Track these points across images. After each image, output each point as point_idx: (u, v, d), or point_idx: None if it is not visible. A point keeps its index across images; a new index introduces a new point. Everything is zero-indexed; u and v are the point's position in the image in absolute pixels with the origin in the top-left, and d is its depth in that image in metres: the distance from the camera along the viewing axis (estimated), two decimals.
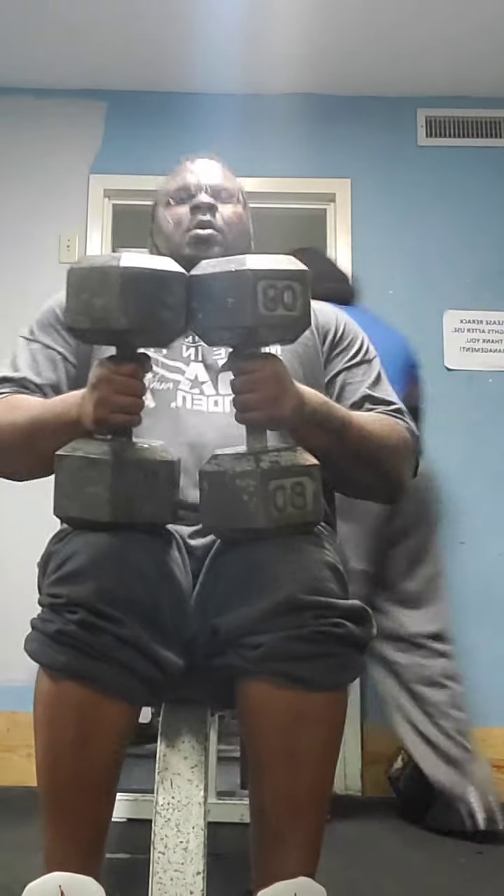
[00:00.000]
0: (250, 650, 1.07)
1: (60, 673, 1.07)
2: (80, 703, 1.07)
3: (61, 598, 1.07)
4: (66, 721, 1.07)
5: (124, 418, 1.17)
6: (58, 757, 1.08)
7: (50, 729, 1.08)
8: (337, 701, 1.11)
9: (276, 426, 1.23)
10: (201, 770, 1.27)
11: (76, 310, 1.18)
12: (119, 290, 1.11)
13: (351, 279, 3.14)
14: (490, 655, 3.10)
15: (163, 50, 3.33)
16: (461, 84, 3.50)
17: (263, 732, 1.09)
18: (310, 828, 1.09)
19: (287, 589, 1.07)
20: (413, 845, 2.19)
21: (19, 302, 3.40)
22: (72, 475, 1.15)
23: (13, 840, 2.09)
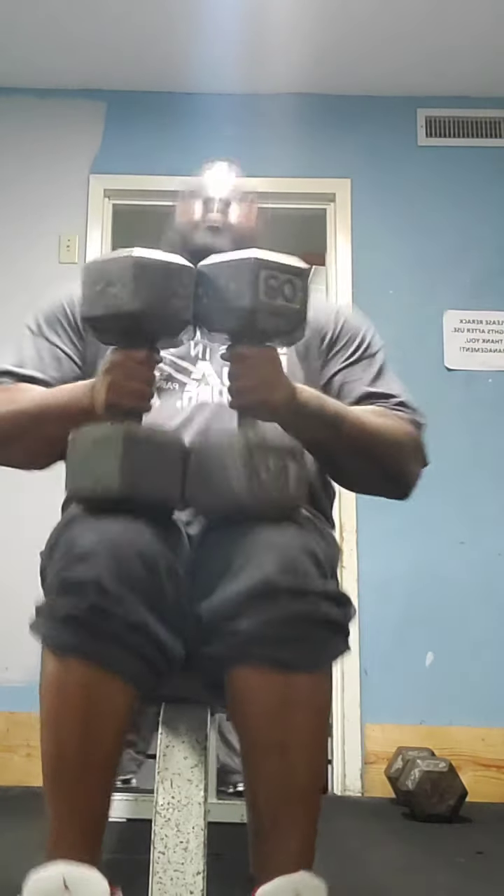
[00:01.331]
0: (232, 636, 1.08)
1: (69, 654, 1.07)
2: (87, 682, 1.07)
3: (70, 580, 1.08)
4: (72, 700, 1.08)
5: (135, 403, 1.20)
6: (63, 736, 1.09)
7: (56, 709, 1.09)
8: (320, 683, 1.11)
9: (267, 414, 1.24)
10: (201, 770, 1.27)
11: (91, 298, 1.22)
12: (132, 275, 1.17)
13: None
14: (490, 655, 3.10)
15: (163, 50, 3.33)
16: (461, 84, 3.50)
17: (250, 719, 1.09)
18: (305, 817, 1.09)
19: (263, 571, 1.07)
20: (413, 845, 2.19)
21: (19, 302, 3.40)
22: (84, 452, 1.18)
23: (13, 840, 2.09)
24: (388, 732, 3.03)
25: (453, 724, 3.04)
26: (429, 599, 3.14)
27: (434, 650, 3.11)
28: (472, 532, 3.21)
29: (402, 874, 1.90)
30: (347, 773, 3.02)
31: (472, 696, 3.08)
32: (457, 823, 2.48)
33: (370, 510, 3.09)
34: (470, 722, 3.04)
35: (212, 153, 3.69)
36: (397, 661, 3.10)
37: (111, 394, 1.20)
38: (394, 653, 3.10)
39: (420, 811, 2.50)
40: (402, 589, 3.12)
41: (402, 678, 3.09)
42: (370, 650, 3.09)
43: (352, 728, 3.05)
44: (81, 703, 1.07)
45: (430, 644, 3.11)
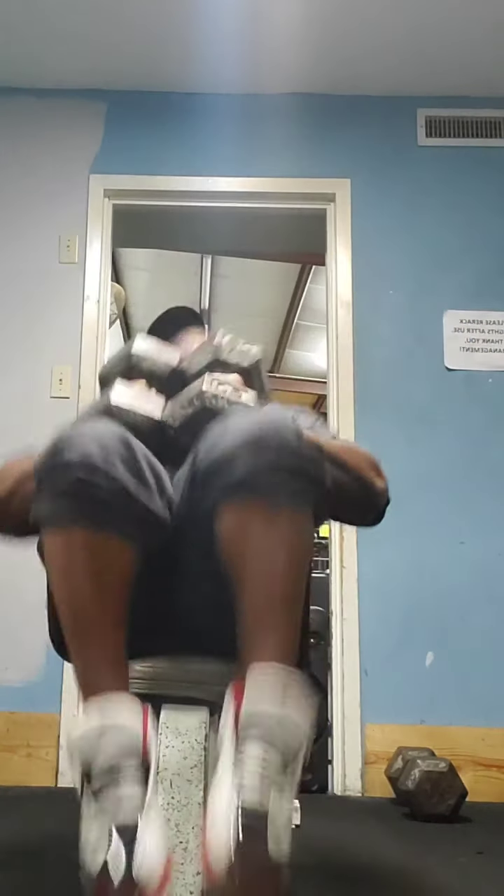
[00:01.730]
0: (224, 482, 1.22)
1: (69, 525, 1.20)
2: (89, 545, 1.20)
3: (61, 462, 1.21)
4: (79, 561, 1.19)
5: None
6: (76, 589, 1.20)
7: (65, 570, 1.21)
8: (301, 522, 1.23)
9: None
10: (201, 770, 1.27)
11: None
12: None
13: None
14: (490, 655, 3.10)
15: (163, 50, 3.34)
16: (461, 84, 3.50)
17: (239, 549, 1.21)
18: (287, 624, 1.19)
19: (254, 429, 1.23)
20: (413, 845, 2.19)
21: (19, 302, 3.41)
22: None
23: (13, 840, 2.09)
24: (388, 732, 3.03)
25: (453, 724, 3.05)
26: (429, 599, 3.14)
27: (434, 650, 3.11)
28: (472, 532, 3.21)
29: (402, 874, 1.90)
30: (347, 773, 3.02)
31: (472, 696, 3.08)
32: (457, 823, 2.48)
33: None
34: (470, 722, 3.05)
35: (212, 153, 3.74)
36: (397, 661, 3.10)
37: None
38: (394, 653, 3.10)
39: (420, 811, 2.50)
40: (402, 589, 3.12)
41: (402, 678, 3.09)
42: (370, 650, 3.09)
43: (352, 728, 3.05)
44: (88, 561, 1.19)
45: (430, 644, 3.11)
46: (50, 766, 3.00)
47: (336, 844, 2.21)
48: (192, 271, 5.64)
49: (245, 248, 4.87)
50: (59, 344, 3.35)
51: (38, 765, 3.00)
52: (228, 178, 3.51)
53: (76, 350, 3.34)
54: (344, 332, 3.37)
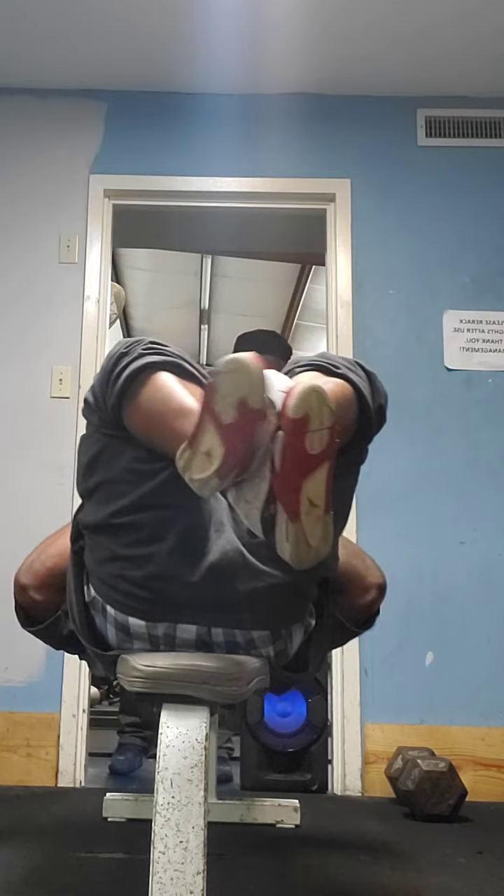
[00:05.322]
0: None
1: (157, 369, 1.41)
2: (174, 379, 1.41)
3: (128, 343, 1.44)
4: (169, 382, 1.40)
5: None
6: (171, 387, 1.40)
7: (168, 394, 1.39)
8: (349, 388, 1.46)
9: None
10: (201, 770, 1.27)
11: None
12: None
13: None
14: (490, 655, 3.10)
15: (163, 50, 3.34)
16: (461, 84, 3.50)
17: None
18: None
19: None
20: (413, 845, 2.19)
21: (19, 302, 3.41)
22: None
23: (13, 839, 2.09)
24: (388, 732, 3.03)
25: (453, 723, 3.05)
26: (429, 599, 3.14)
27: (434, 650, 3.11)
28: (472, 532, 3.21)
29: (402, 874, 1.90)
30: (347, 773, 3.02)
31: (472, 696, 3.08)
32: (457, 823, 2.48)
33: (370, 510, 3.09)
34: (470, 722, 3.05)
35: (212, 153, 3.74)
36: (397, 661, 3.11)
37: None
38: (394, 653, 3.10)
39: (420, 811, 2.50)
40: (402, 589, 3.12)
41: (402, 678, 3.09)
42: (370, 650, 3.09)
43: (352, 728, 3.05)
44: (175, 383, 1.40)
45: (430, 644, 3.11)
46: (50, 766, 3.00)
47: (336, 844, 2.21)
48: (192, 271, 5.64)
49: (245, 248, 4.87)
50: (58, 344, 3.35)
51: (38, 765, 3.00)
52: (228, 178, 3.51)
53: (76, 350, 3.33)
54: (344, 332, 3.37)
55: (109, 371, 1.42)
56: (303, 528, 1.21)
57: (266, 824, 2.36)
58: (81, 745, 3.04)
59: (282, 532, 1.22)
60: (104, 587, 1.54)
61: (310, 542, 1.23)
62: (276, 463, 1.20)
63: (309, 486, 1.22)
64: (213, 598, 1.48)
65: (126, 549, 1.49)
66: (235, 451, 1.21)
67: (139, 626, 1.51)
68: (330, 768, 3.07)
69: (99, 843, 2.08)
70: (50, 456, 3.22)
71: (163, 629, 1.50)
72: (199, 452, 1.22)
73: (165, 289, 5.96)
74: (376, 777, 2.96)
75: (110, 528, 1.50)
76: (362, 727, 3.06)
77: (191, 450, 1.23)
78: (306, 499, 1.22)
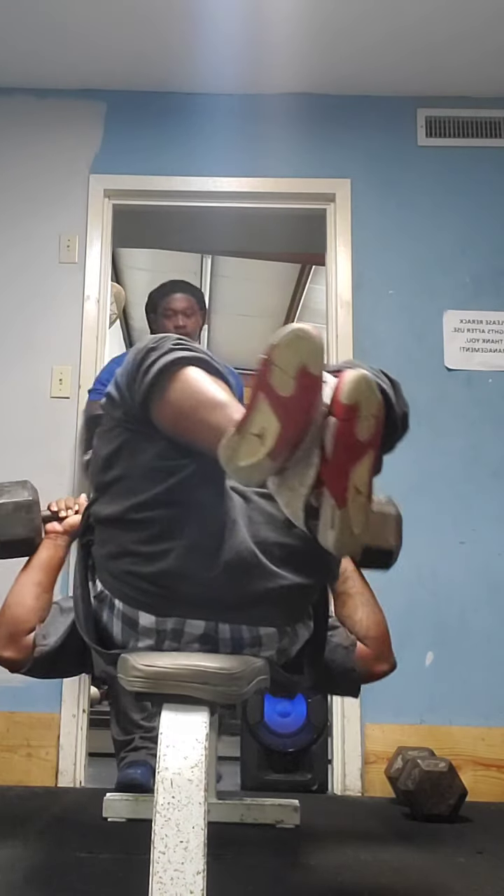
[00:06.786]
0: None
1: (186, 362, 1.41)
2: (202, 374, 1.42)
3: (157, 338, 1.45)
4: (203, 379, 1.41)
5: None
6: (210, 390, 1.39)
7: (200, 388, 1.39)
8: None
9: None
10: (201, 770, 1.27)
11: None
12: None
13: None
14: (490, 655, 3.10)
15: (163, 50, 3.34)
16: (461, 84, 3.50)
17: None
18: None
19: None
20: (413, 845, 2.19)
21: (19, 302, 3.41)
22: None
23: (13, 839, 2.09)
24: (388, 732, 3.03)
25: (453, 724, 3.05)
26: (429, 599, 3.14)
27: (434, 650, 3.11)
28: (472, 532, 3.21)
29: (402, 874, 1.90)
30: (347, 773, 3.02)
31: (472, 696, 3.08)
32: (457, 823, 2.48)
33: None
34: (470, 722, 3.04)
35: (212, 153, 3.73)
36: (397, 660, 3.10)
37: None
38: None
39: (420, 811, 2.50)
40: (402, 589, 3.11)
41: (402, 678, 3.07)
42: None
43: (352, 728, 3.05)
44: (206, 377, 1.41)
45: (430, 644, 3.11)
46: (50, 766, 3.00)
47: (336, 844, 2.21)
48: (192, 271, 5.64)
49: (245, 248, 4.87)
50: (59, 344, 3.35)
51: (38, 765, 3.00)
52: (228, 178, 3.51)
53: (76, 350, 3.33)
54: (344, 332, 3.37)
55: (138, 365, 1.42)
56: (349, 515, 1.22)
57: (266, 824, 2.36)
58: (81, 745, 3.04)
59: (326, 519, 1.22)
60: (115, 582, 1.55)
61: (353, 530, 1.24)
62: (326, 449, 1.21)
63: (356, 473, 1.23)
64: (224, 596, 1.49)
65: (140, 546, 1.49)
66: (294, 426, 1.21)
67: (148, 621, 1.52)
68: (330, 768, 3.07)
69: (99, 843, 2.08)
70: (50, 456, 3.21)
71: (172, 624, 1.51)
72: (248, 435, 1.22)
73: None
74: (376, 777, 2.95)
75: (126, 522, 1.50)
76: (362, 727, 3.06)
77: (238, 434, 1.23)
78: (353, 486, 1.23)
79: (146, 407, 1.42)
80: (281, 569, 1.52)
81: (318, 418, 1.22)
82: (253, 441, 1.21)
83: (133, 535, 1.50)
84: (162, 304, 3.22)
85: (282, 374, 1.20)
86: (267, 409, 1.21)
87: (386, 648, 1.93)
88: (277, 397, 1.20)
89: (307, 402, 1.22)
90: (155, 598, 1.50)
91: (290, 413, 1.21)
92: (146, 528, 1.48)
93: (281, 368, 1.20)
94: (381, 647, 1.92)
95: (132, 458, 1.49)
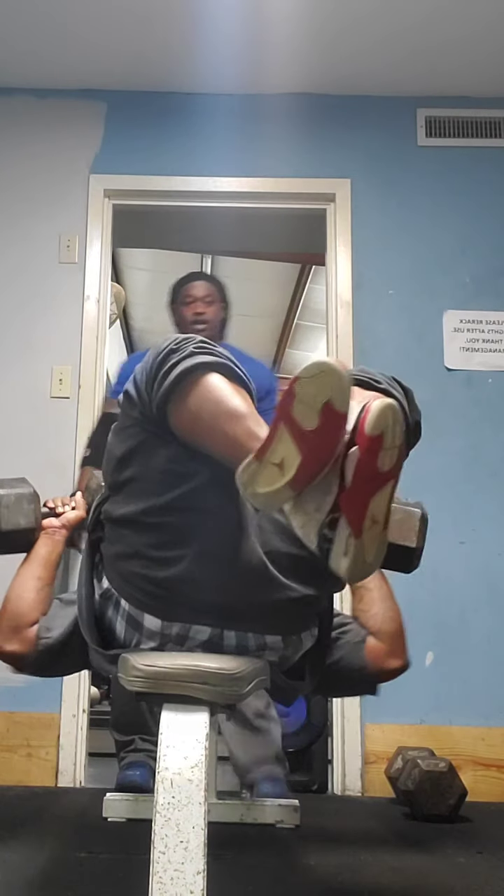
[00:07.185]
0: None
1: (207, 368, 1.38)
2: (223, 381, 1.38)
3: (178, 340, 1.42)
4: (222, 384, 1.38)
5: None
6: (225, 390, 1.37)
7: (220, 396, 1.36)
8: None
9: None
10: (201, 770, 1.27)
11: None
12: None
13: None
14: (490, 655, 3.10)
15: (163, 50, 3.34)
16: (461, 84, 3.50)
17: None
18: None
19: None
20: (413, 845, 2.19)
21: (19, 302, 3.41)
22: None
23: (13, 839, 2.09)
24: (388, 732, 3.03)
25: (453, 724, 3.05)
26: (429, 599, 3.13)
27: (434, 650, 3.11)
28: (472, 532, 3.21)
29: (402, 874, 1.90)
30: (347, 773, 3.02)
31: (472, 696, 3.08)
32: (457, 823, 2.48)
33: None
34: (470, 722, 3.05)
35: (212, 153, 3.73)
36: None
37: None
38: None
39: (420, 811, 2.50)
40: (402, 589, 3.11)
41: (403, 678, 3.07)
42: None
43: (352, 728, 3.05)
44: (227, 386, 1.38)
45: (430, 644, 3.11)
46: (50, 766, 3.00)
47: (336, 844, 2.21)
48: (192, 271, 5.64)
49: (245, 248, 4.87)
50: (59, 344, 3.35)
51: (38, 765, 3.00)
52: (228, 178, 3.51)
53: (76, 350, 3.33)
54: (344, 332, 3.37)
55: (158, 367, 1.40)
56: (363, 545, 1.21)
57: (266, 824, 2.36)
58: (81, 745, 3.04)
59: (341, 546, 1.21)
60: (123, 582, 1.54)
61: (366, 559, 1.23)
62: (347, 478, 1.18)
63: (375, 503, 1.21)
64: (233, 605, 1.49)
65: (151, 550, 1.48)
66: (314, 459, 1.19)
67: (153, 624, 1.51)
68: (330, 768, 3.07)
69: (99, 843, 2.08)
70: (50, 456, 3.21)
71: (177, 629, 1.51)
72: (268, 464, 1.20)
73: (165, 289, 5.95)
74: (376, 777, 2.95)
75: (137, 525, 1.49)
76: (362, 727, 3.06)
77: (258, 462, 1.21)
78: (370, 516, 1.21)
79: (163, 410, 1.40)
80: (289, 579, 1.50)
81: (341, 447, 1.20)
82: (273, 470, 1.20)
83: (145, 538, 1.49)
84: (182, 292, 3.22)
85: (306, 407, 1.18)
86: (289, 440, 1.19)
87: (399, 645, 1.89)
88: (300, 430, 1.18)
89: (331, 437, 1.19)
90: (162, 602, 1.50)
91: (313, 447, 1.18)
92: (159, 532, 1.47)
93: (305, 403, 1.18)
94: (395, 642, 1.88)
95: (147, 459, 1.47)
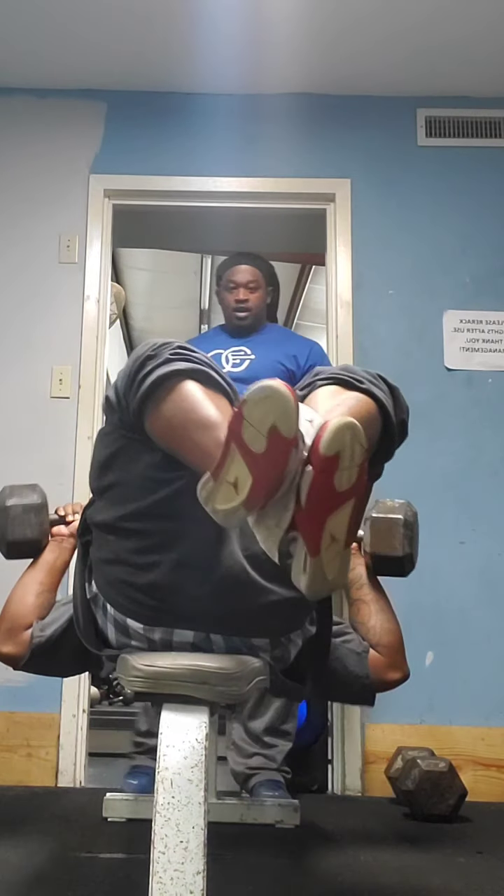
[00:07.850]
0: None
1: (183, 377, 1.38)
2: (198, 388, 1.38)
3: (156, 345, 1.42)
4: (196, 392, 1.37)
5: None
6: (199, 400, 1.37)
7: (192, 405, 1.36)
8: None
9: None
10: (201, 770, 1.27)
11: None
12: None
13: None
14: (490, 655, 3.10)
15: (163, 50, 3.34)
16: (461, 84, 3.50)
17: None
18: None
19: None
20: (413, 845, 2.19)
21: (19, 302, 3.41)
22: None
23: (12, 839, 2.09)
24: (388, 732, 3.03)
25: (453, 723, 3.05)
26: (429, 599, 3.13)
27: (434, 650, 3.11)
28: (472, 532, 3.21)
29: (402, 874, 1.90)
30: (347, 773, 3.02)
31: (472, 696, 3.08)
32: (457, 823, 2.48)
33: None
34: (470, 722, 3.05)
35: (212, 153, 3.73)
36: None
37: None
38: None
39: (420, 811, 2.50)
40: (402, 589, 3.10)
41: None
42: None
43: (352, 728, 3.05)
44: (202, 394, 1.37)
45: (430, 644, 3.11)
46: (50, 766, 3.00)
47: (336, 844, 2.21)
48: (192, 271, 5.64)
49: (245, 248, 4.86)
50: (59, 344, 3.35)
51: (38, 765, 3.00)
52: (228, 178, 3.51)
53: (76, 350, 3.33)
54: (344, 332, 3.37)
55: (134, 374, 1.40)
56: (321, 563, 1.18)
57: (266, 824, 2.36)
58: (81, 745, 3.04)
59: (299, 563, 1.19)
60: (108, 587, 1.55)
61: (327, 576, 1.20)
62: (301, 498, 1.16)
63: (332, 522, 1.18)
64: (214, 611, 1.49)
65: (132, 555, 1.49)
66: (265, 480, 1.17)
67: (137, 629, 1.52)
68: (330, 768, 3.07)
69: (99, 843, 2.08)
70: (50, 456, 3.21)
71: (160, 634, 1.51)
72: (223, 482, 1.19)
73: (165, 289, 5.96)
74: (376, 777, 2.95)
75: (119, 530, 1.50)
76: (362, 727, 3.06)
77: (214, 481, 1.20)
78: (328, 534, 1.18)
79: (140, 417, 1.40)
80: (271, 583, 1.50)
81: (296, 466, 1.18)
82: (228, 489, 1.19)
83: (126, 543, 1.49)
84: (225, 277, 3.16)
85: (253, 431, 1.16)
86: (240, 460, 1.17)
87: (399, 657, 1.88)
88: (250, 452, 1.16)
89: (279, 461, 1.17)
90: (144, 608, 1.50)
91: (262, 469, 1.16)
92: (138, 538, 1.47)
93: (252, 426, 1.16)
94: (394, 655, 1.87)
95: (127, 465, 1.47)
